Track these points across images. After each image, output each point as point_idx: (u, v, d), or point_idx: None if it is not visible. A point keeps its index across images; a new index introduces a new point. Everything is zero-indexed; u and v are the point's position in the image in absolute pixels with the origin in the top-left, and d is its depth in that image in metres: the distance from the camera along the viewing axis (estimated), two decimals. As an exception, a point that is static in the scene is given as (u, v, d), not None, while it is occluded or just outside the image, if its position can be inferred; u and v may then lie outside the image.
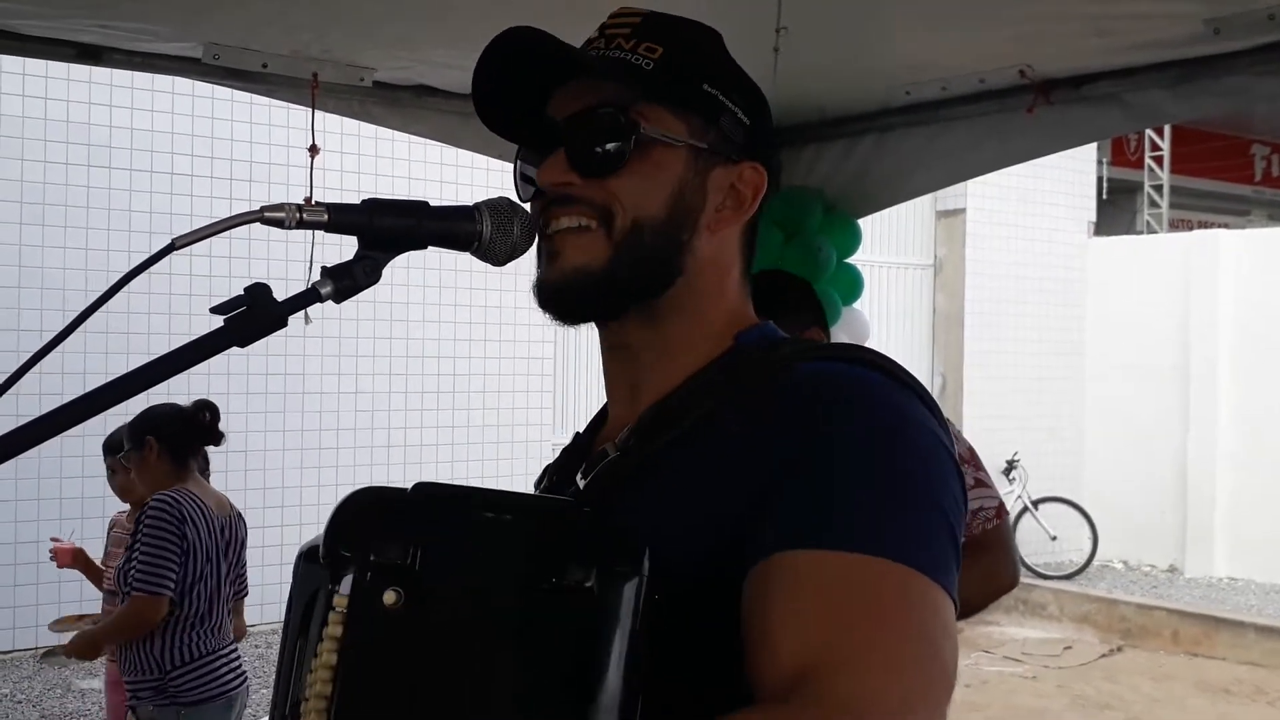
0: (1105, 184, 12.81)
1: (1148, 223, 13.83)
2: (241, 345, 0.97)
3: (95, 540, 4.51)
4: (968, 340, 10.96)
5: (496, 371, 8.71)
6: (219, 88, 3.53)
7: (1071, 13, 2.73)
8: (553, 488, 1.18)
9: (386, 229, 1.02)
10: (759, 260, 1.18)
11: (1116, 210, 13.90)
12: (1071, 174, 11.44)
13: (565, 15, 1.53)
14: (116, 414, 1.15)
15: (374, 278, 1.02)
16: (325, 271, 1.01)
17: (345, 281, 1.01)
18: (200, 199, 7.53)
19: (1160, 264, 11.11)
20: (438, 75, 3.42)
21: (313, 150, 3.43)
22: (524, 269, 1.12)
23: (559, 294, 1.07)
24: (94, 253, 7.21)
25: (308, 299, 0.99)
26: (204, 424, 3.63)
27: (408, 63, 3.34)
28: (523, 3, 2.68)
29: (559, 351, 8.94)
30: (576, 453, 1.19)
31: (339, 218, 1.01)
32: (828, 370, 1.02)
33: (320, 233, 1.01)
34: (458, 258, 1.10)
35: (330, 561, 0.96)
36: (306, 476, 7.96)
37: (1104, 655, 8.57)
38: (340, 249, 1.02)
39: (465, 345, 8.60)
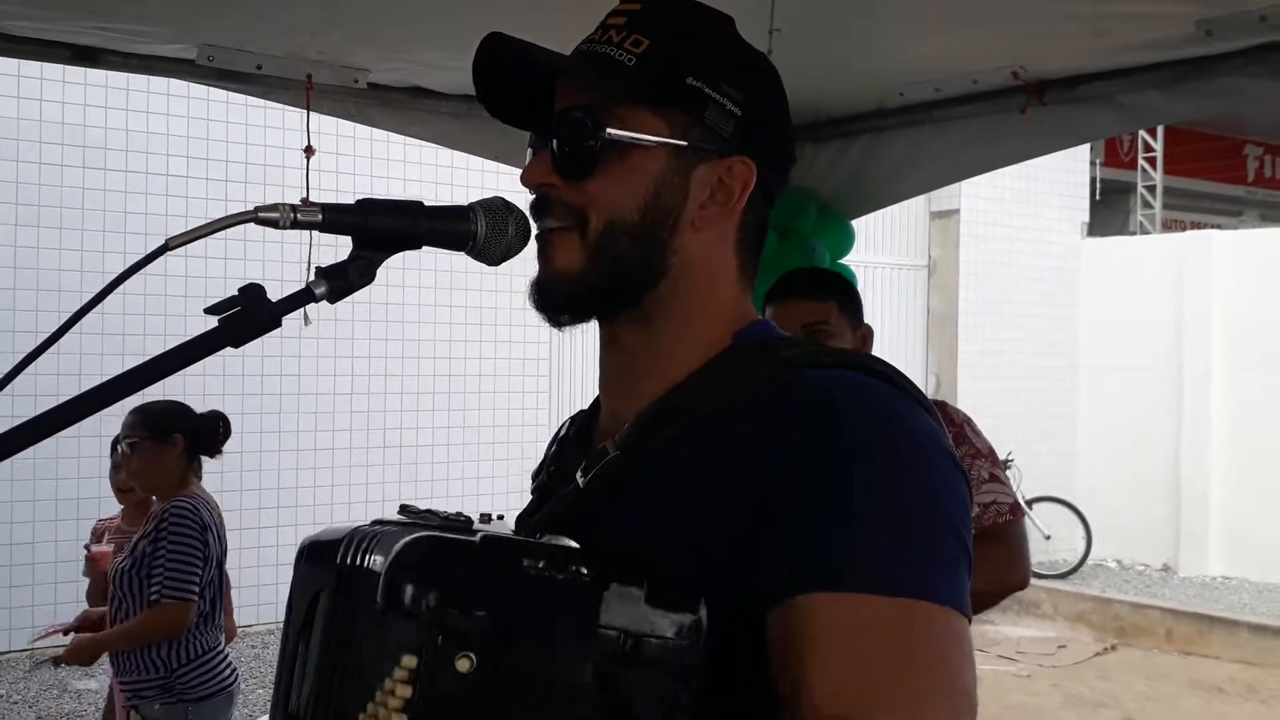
0: (1098, 185, 12.83)
1: (1141, 223, 13.85)
2: (235, 346, 0.97)
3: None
4: (961, 341, 10.97)
5: (493, 372, 8.71)
6: (214, 89, 3.53)
7: (1064, 14, 2.74)
8: (550, 483, 1.17)
9: (381, 229, 1.02)
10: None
11: (1110, 211, 13.91)
12: (1065, 175, 11.46)
13: (563, 13, 1.54)
14: (112, 414, 1.16)
15: (368, 278, 1.02)
16: (320, 272, 1.01)
17: (340, 281, 1.01)
18: (195, 200, 7.52)
19: (1153, 264, 11.13)
20: (432, 77, 3.43)
21: (308, 151, 3.44)
22: (519, 269, 1.13)
23: (542, 294, 1.08)
24: (89, 254, 7.20)
25: (302, 299, 0.99)
26: (216, 434, 3.69)
27: (402, 64, 3.34)
28: (517, 4, 2.68)
29: (555, 352, 8.94)
30: (572, 446, 1.19)
31: (333, 218, 1.01)
32: (836, 379, 1.01)
33: (315, 233, 1.01)
34: (453, 258, 1.10)
35: (392, 611, 0.90)
36: (303, 477, 7.95)
37: (1098, 654, 8.58)
38: (335, 249, 1.03)
39: (461, 346, 8.60)
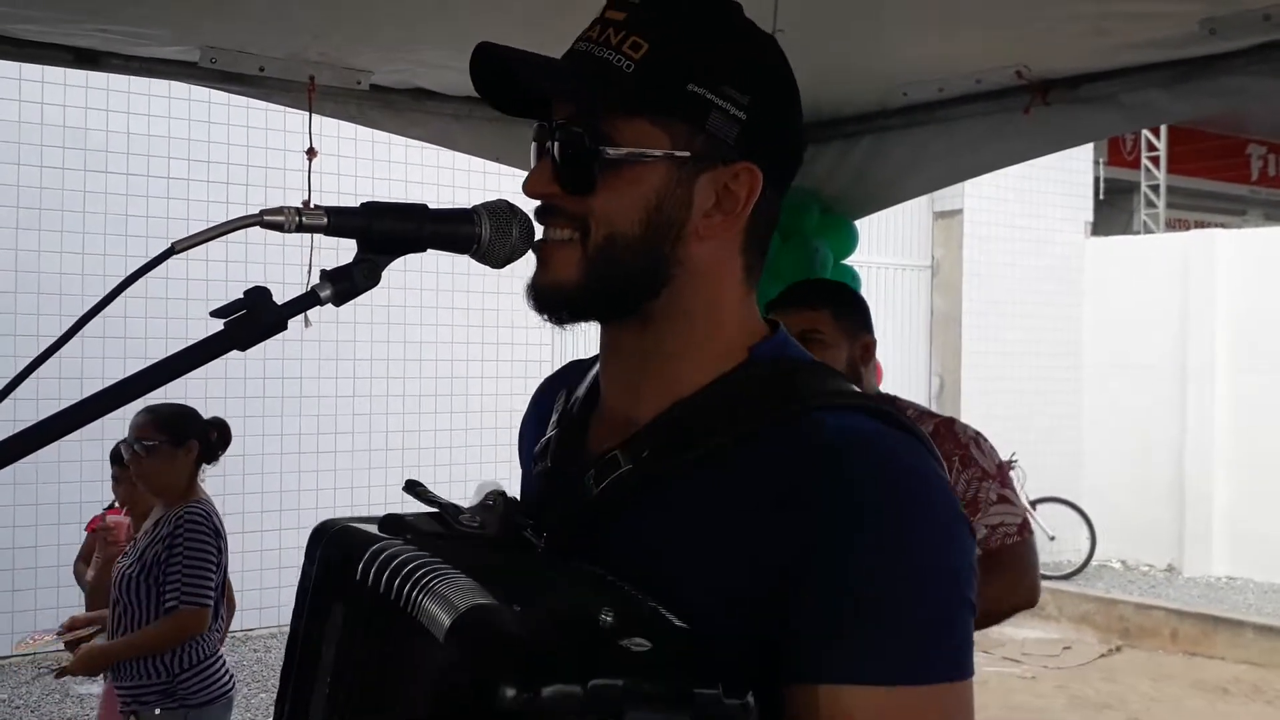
0: (1102, 184, 12.83)
1: (1145, 223, 13.84)
2: (241, 349, 0.97)
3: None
4: (965, 341, 10.97)
5: (495, 374, 8.71)
6: (216, 91, 3.53)
7: (1068, 13, 2.73)
8: (552, 473, 1.15)
9: (385, 232, 1.02)
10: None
11: (1113, 210, 13.91)
12: (1068, 174, 11.45)
13: (563, 15, 1.53)
14: (114, 419, 1.15)
15: (373, 281, 1.01)
16: (324, 275, 1.00)
17: (344, 284, 1.00)
18: (198, 203, 7.53)
19: (1157, 264, 11.12)
20: (434, 78, 3.42)
21: (310, 153, 3.43)
22: (522, 271, 1.12)
23: (539, 300, 1.07)
24: (91, 257, 7.20)
25: (307, 302, 0.99)
26: (221, 440, 3.71)
27: (404, 66, 3.34)
28: (518, 5, 2.68)
29: (556, 354, 8.94)
30: (574, 431, 1.17)
31: (338, 221, 1.00)
32: (855, 433, 0.99)
33: (319, 236, 1.01)
34: (456, 260, 1.09)
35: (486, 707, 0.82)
36: (305, 480, 7.95)
37: (1103, 655, 8.57)
38: (338, 252, 1.02)
39: (463, 348, 8.60)
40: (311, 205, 0.99)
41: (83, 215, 7.25)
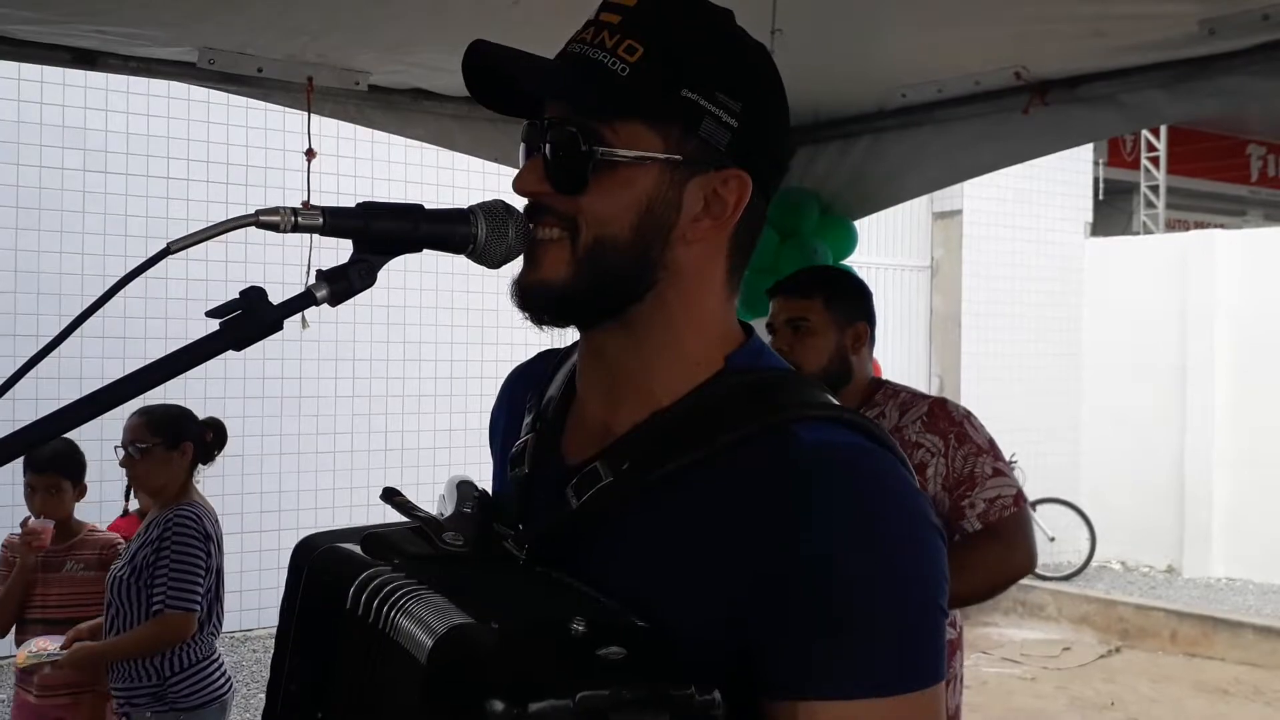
0: (1101, 184, 12.83)
1: (1144, 223, 13.84)
2: (237, 349, 0.97)
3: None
4: (965, 342, 10.97)
5: (494, 375, 8.68)
6: (214, 92, 3.53)
7: (1067, 14, 2.74)
8: (530, 480, 1.14)
9: (382, 232, 1.02)
10: (754, 262, 1.16)
11: (1113, 211, 13.91)
12: (1068, 175, 11.45)
13: (560, 15, 1.53)
14: (112, 418, 1.15)
15: (369, 281, 1.01)
16: (320, 275, 1.00)
17: (340, 285, 1.00)
18: (196, 203, 7.53)
19: (1157, 264, 11.12)
20: (432, 78, 3.43)
21: (309, 154, 3.44)
22: (519, 271, 1.12)
23: (524, 297, 1.07)
24: (90, 257, 7.20)
25: (303, 302, 0.98)
26: (216, 442, 3.69)
27: (402, 66, 3.34)
28: (517, 7, 2.68)
29: (556, 354, 8.93)
30: (548, 436, 1.16)
31: (334, 221, 1.00)
32: (828, 447, 0.99)
33: (316, 236, 1.00)
34: (455, 260, 1.09)
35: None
36: (303, 480, 7.95)
37: (1102, 656, 8.57)
38: (335, 252, 1.02)
39: (462, 348, 8.60)
40: (309, 205, 0.99)
41: (82, 215, 7.25)
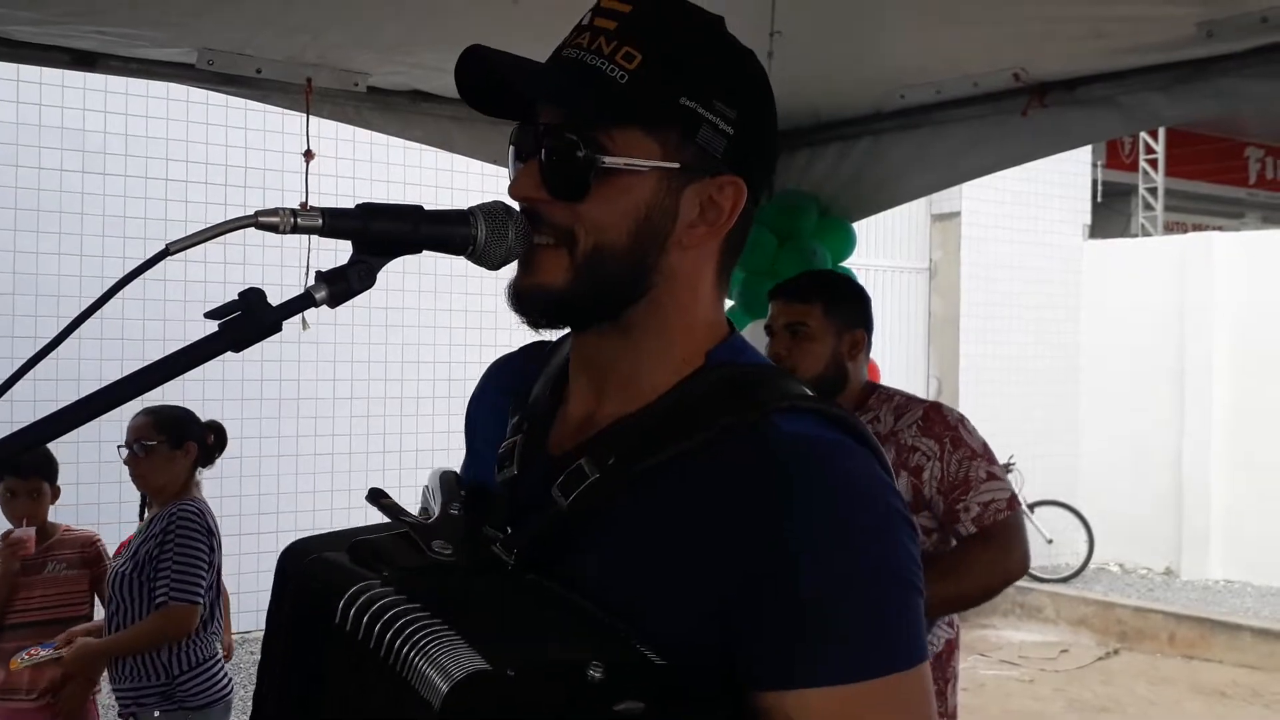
0: (1100, 187, 12.83)
1: (1143, 225, 13.86)
2: (235, 350, 0.96)
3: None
4: (963, 344, 10.97)
5: (492, 376, 8.71)
6: (213, 93, 3.53)
7: (1065, 16, 2.74)
8: (518, 481, 1.14)
9: (381, 234, 1.01)
10: (753, 264, 1.17)
11: (1111, 213, 13.92)
12: (1066, 177, 11.45)
13: (559, 16, 1.53)
14: (110, 419, 1.15)
15: (368, 282, 1.01)
16: (319, 276, 1.00)
17: (340, 286, 1.00)
18: (195, 204, 7.52)
19: (1155, 266, 11.12)
20: (431, 80, 3.43)
21: (308, 155, 3.43)
22: (515, 275, 1.12)
23: (520, 301, 1.08)
24: (89, 259, 7.20)
25: (302, 304, 0.98)
26: (217, 443, 3.73)
27: (402, 68, 3.34)
28: (516, 8, 2.68)
29: (555, 356, 8.93)
30: (536, 435, 1.16)
31: (333, 223, 0.99)
32: (803, 440, 1.01)
33: (315, 237, 1.00)
34: (455, 262, 1.10)
35: None
36: (302, 482, 7.94)
37: (1100, 658, 8.57)
38: (335, 253, 1.02)
39: (461, 350, 8.59)
40: (307, 207, 0.99)
41: (81, 217, 7.25)
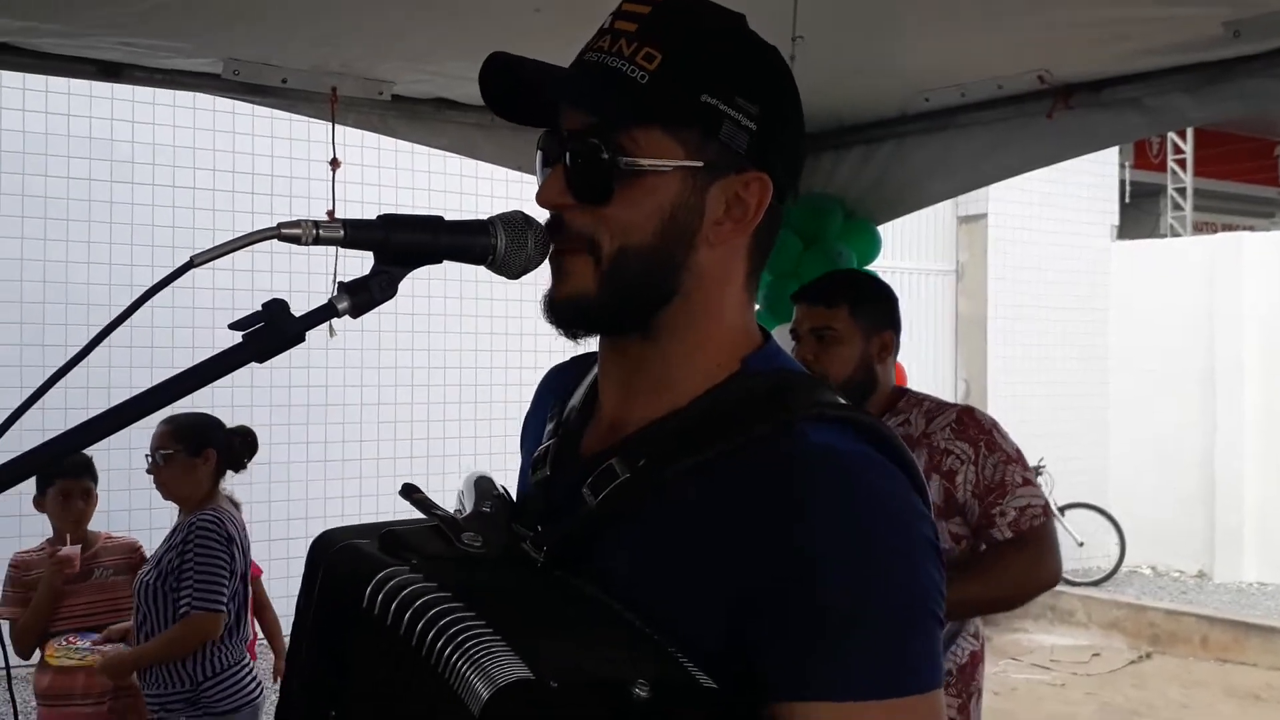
0: (1128, 187, 12.75)
1: (1171, 226, 13.75)
2: (259, 361, 0.97)
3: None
4: (991, 346, 10.91)
5: (518, 382, 8.71)
6: (239, 103, 3.56)
7: (1090, 17, 2.72)
8: (550, 482, 1.15)
9: (402, 244, 1.02)
10: (778, 267, 1.17)
11: (1139, 213, 13.82)
12: (1094, 177, 11.38)
13: (583, 25, 1.53)
14: (139, 428, 1.16)
15: (390, 292, 1.02)
16: (342, 287, 1.01)
17: (362, 297, 1.01)
18: (222, 213, 7.58)
19: (1184, 267, 11.03)
20: (456, 88, 3.44)
21: (334, 164, 3.45)
22: (542, 280, 1.12)
23: (555, 313, 1.09)
24: (117, 267, 7.26)
25: (325, 314, 0.99)
26: (245, 450, 3.75)
27: (426, 76, 3.36)
28: (539, 15, 2.69)
29: (580, 361, 8.93)
30: (569, 440, 1.17)
31: (355, 234, 1.00)
32: (829, 451, 1.00)
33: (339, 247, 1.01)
34: (479, 270, 1.11)
35: None
36: (330, 489, 7.98)
37: (1132, 662, 8.51)
38: (361, 260, 1.03)
39: (486, 356, 8.62)
40: (330, 217, 1.00)
41: (109, 226, 7.31)
